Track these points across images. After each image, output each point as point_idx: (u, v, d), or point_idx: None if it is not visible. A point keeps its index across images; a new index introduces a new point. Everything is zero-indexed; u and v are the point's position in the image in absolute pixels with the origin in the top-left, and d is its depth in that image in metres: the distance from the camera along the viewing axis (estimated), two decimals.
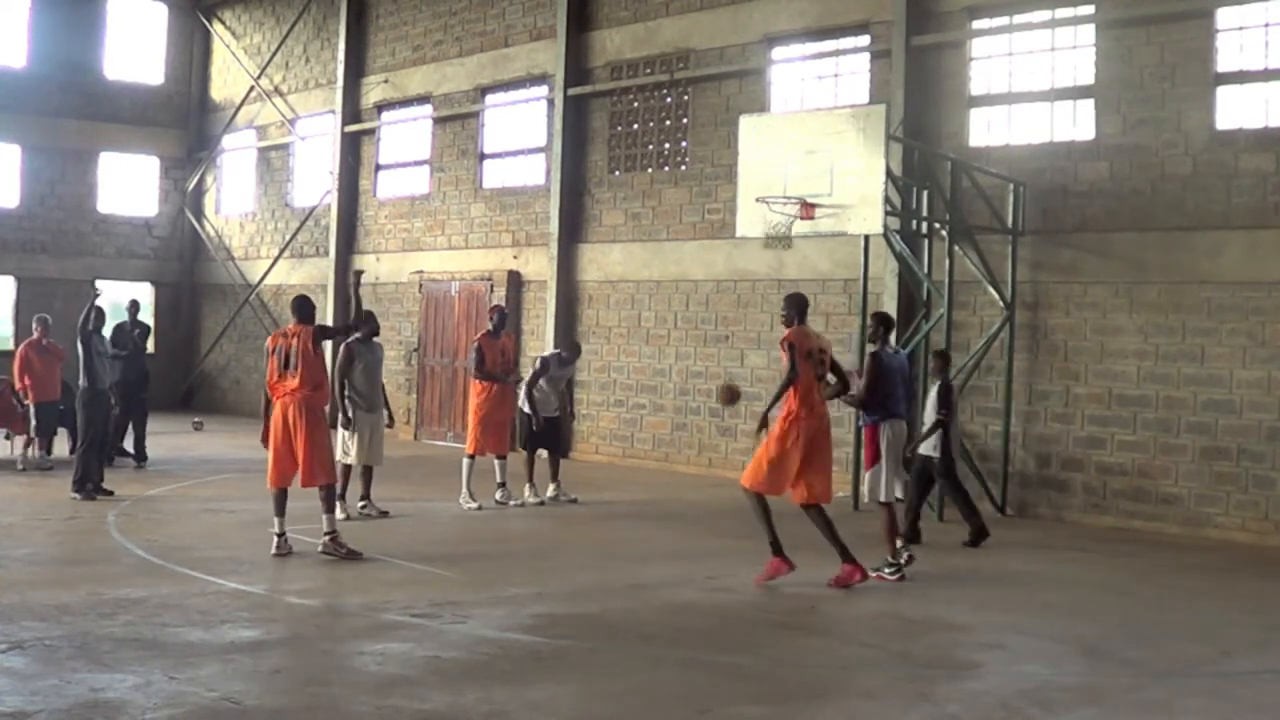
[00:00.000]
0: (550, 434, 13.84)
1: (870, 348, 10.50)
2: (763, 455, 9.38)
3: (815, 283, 15.81)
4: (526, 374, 14.26)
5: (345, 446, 12.10)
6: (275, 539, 10.00)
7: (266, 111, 25.19)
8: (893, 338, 10.86)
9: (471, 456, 13.15)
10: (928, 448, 11.57)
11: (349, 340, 12.02)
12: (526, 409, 13.54)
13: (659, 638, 7.77)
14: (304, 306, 10.24)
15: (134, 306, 16.49)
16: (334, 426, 11.10)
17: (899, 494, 10.33)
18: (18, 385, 14.89)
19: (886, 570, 9.73)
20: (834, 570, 9.37)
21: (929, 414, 11.66)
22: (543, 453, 13.78)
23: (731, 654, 7.42)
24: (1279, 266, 12.37)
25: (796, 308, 9.65)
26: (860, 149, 11.96)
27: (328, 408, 10.26)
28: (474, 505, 12.91)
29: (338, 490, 12.06)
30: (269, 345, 10.14)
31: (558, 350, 14.25)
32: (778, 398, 9.39)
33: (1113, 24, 13.55)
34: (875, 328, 10.38)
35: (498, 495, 13.27)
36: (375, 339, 12.44)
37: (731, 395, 10.52)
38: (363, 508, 12.19)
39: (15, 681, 6.24)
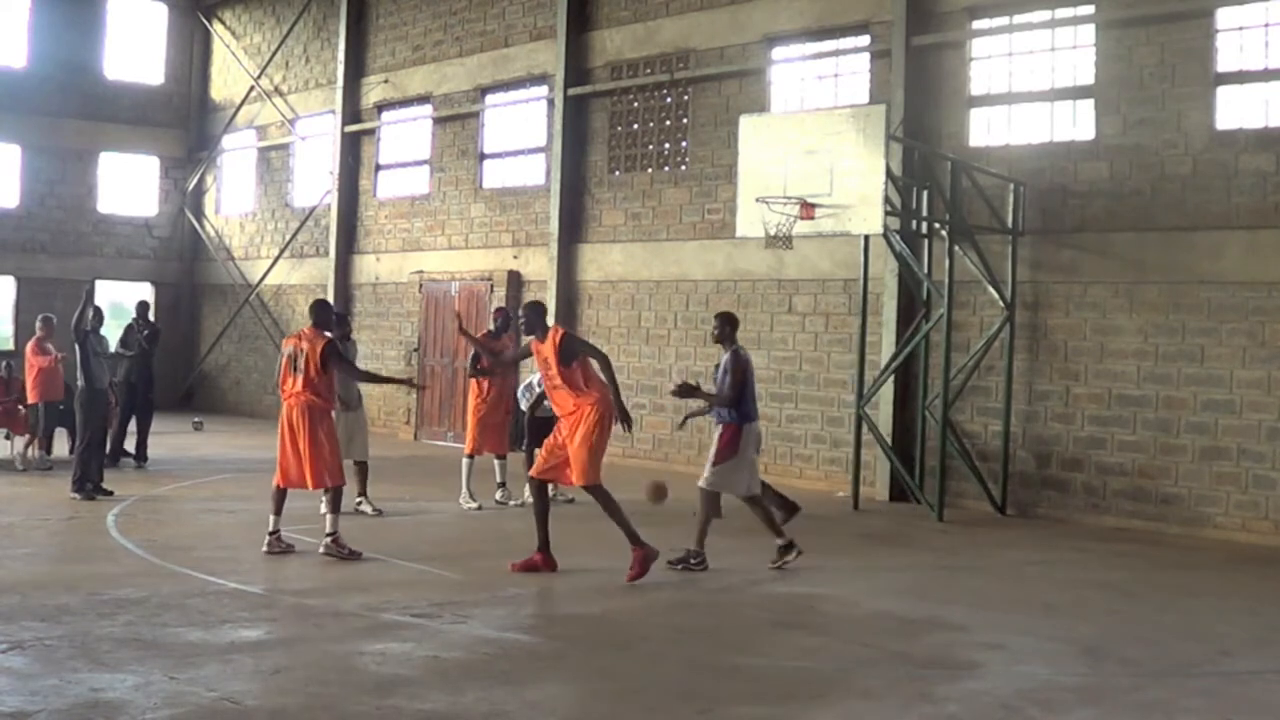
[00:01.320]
0: (545, 433, 13.85)
1: (723, 349, 10.11)
2: (587, 451, 9.38)
3: (815, 283, 15.82)
4: (527, 377, 14.27)
5: None
6: (267, 537, 10.03)
7: (266, 111, 25.19)
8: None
9: (471, 456, 13.16)
10: None
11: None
12: (524, 407, 13.57)
13: (659, 638, 7.77)
14: (321, 310, 10.49)
15: (142, 308, 16.44)
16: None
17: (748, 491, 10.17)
18: (29, 382, 14.91)
19: (694, 561, 9.78)
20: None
21: None
22: (537, 451, 13.78)
23: (731, 654, 7.42)
24: (1279, 266, 12.37)
25: (540, 313, 9.80)
26: (860, 149, 11.96)
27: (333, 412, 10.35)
28: (474, 505, 12.92)
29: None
30: (284, 346, 10.32)
31: None
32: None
33: (1113, 24, 13.55)
34: (722, 327, 10.10)
35: (498, 495, 13.29)
36: (349, 340, 12.78)
37: (659, 493, 10.43)
38: (358, 505, 12.20)
39: (15, 681, 6.23)
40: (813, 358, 15.60)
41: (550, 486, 13.60)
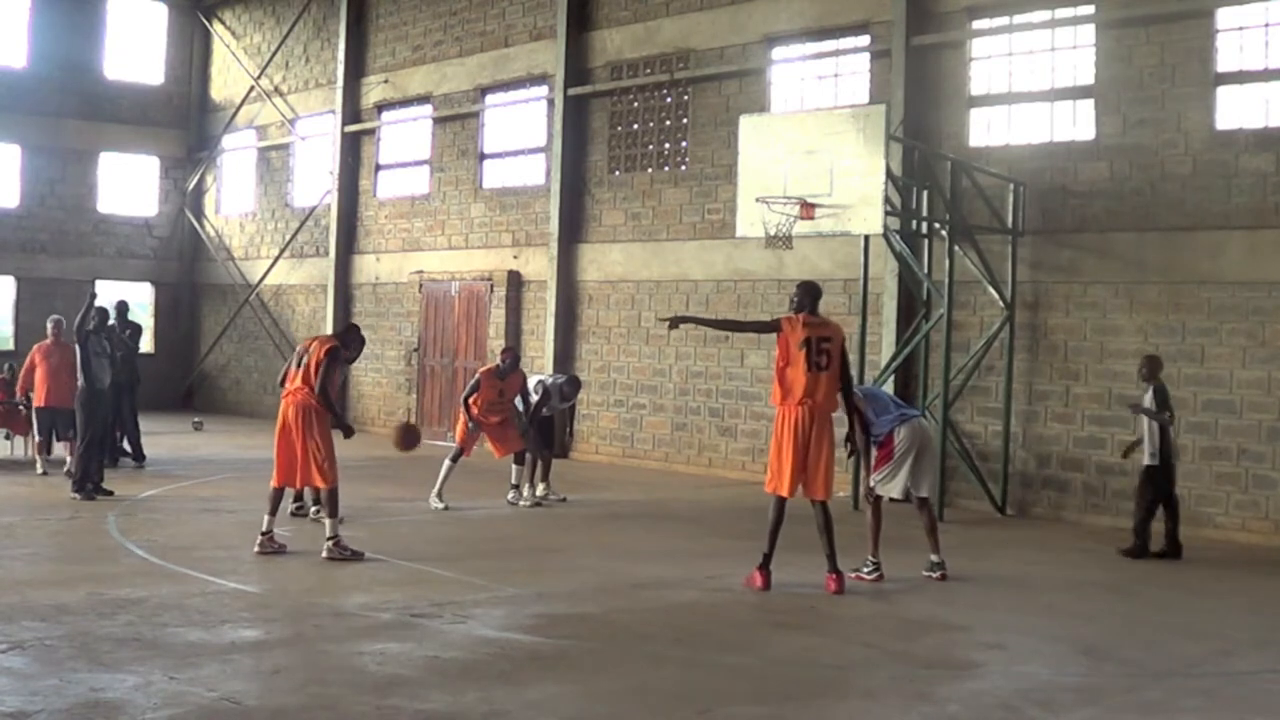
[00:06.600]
0: (547, 432, 13.90)
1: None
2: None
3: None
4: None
5: None
6: (259, 537, 10.01)
7: (266, 111, 25.19)
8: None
9: (455, 460, 13.06)
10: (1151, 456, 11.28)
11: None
12: (520, 408, 13.58)
13: (659, 638, 7.77)
14: (348, 332, 10.76)
15: (123, 307, 16.21)
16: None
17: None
18: (19, 389, 14.86)
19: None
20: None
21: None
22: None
23: (731, 654, 7.41)
24: (1279, 266, 12.37)
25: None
26: (860, 149, 11.96)
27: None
28: (440, 506, 12.84)
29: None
30: (298, 346, 10.49)
31: (560, 383, 14.04)
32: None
33: (1113, 24, 13.55)
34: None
35: (509, 495, 13.32)
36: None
37: (408, 438, 11.74)
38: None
39: (15, 681, 6.23)
40: None
41: (543, 487, 13.70)
